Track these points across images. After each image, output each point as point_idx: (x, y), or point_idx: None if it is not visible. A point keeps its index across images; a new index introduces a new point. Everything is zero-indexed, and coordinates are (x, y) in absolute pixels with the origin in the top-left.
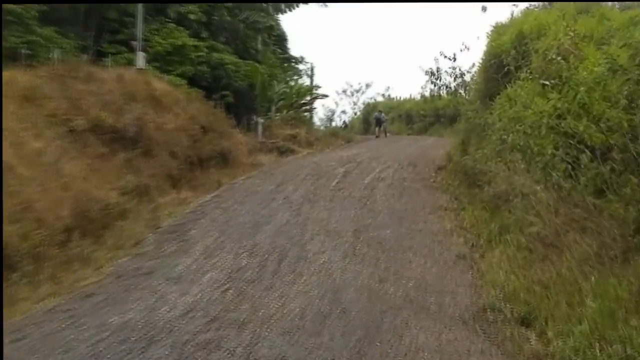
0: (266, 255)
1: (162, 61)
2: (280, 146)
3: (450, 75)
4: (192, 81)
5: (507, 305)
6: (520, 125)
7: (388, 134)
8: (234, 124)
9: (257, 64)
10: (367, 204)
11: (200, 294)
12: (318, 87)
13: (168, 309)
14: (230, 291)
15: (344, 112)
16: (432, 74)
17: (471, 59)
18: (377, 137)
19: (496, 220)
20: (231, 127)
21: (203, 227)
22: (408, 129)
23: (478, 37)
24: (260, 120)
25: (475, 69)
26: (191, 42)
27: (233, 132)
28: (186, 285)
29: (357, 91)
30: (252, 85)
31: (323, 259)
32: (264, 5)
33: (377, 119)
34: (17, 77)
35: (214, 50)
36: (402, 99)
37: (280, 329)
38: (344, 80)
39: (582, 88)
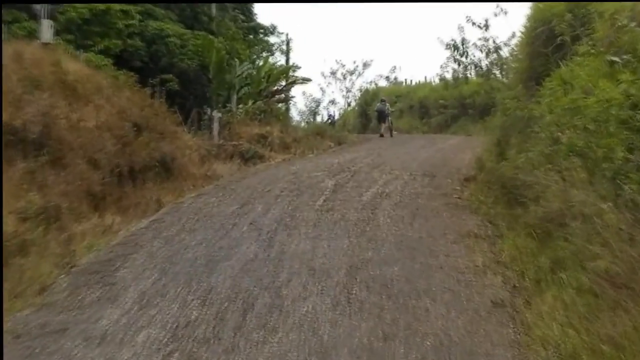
0: (225, 304)
1: (78, 33)
2: (244, 150)
3: (481, 50)
4: (121, 60)
5: None
6: (580, 119)
7: (395, 133)
8: (179, 119)
9: (210, 36)
10: (366, 230)
11: None
12: (297, 67)
13: None
14: (176, 356)
15: (333, 102)
16: (456, 48)
17: (509, 27)
18: (381, 136)
19: (547, 252)
20: (176, 125)
21: (137, 265)
22: (422, 124)
23: None
24: (217, 114)
25: (515, 40)
26: (118, 5)
27: (178, 132)
28: (113, 348)
29: (352, 73)
30: (205, 65)
31: (305, 309)
32: None
33: (379, 112)
34: None
35: (151, 18)
36: (413, 83)
37: None
38: (333, 59)
39: None
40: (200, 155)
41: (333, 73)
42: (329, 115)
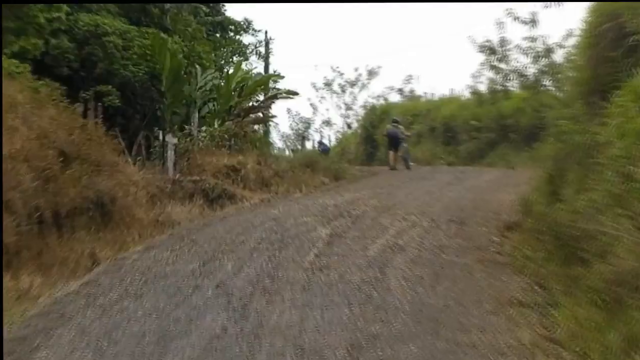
0: None
1: None
2: (209, 188)
3: (527, 54)
4: (42, 67)
5: None
6: None
7: (411, 164)
8: (121, 146)
9: (163, 35)
10: (372, 295)
11: None
12: (280, 76)
13: None
14: None
15: (327, 123)
16: (492, 50)
17: (565, 24)
18: (392, 168)
19: (618, 327)
20: (117, 153)
21: (63, 343)
22: (448, 153)
23: None
24: (172, 139)
25: (572, 41)
26: None
27: (120, 163)
28: None
29: (353, 84)
30: (156, 74)
31: None
32: None
33: (390, 137)
34: None
35: (82, 9)
36: (436, 98)
37: None
38: (328, 65)
39: None
40: (149, 194)
41: (328, 84)
42: (320, 141)
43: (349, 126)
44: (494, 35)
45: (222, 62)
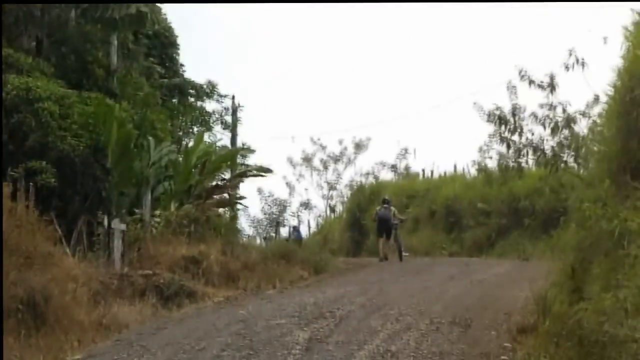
0: None
1: None
2: (164, 284)
3: (544, 124)
4: None
5: None
6: None
7: (405, 255)
8: (58, 234)
9: (109, 100)
10: None
11: None
12: (250, 150)
13: None
14: None
15: (306, 205)
16: (503, 120)
17: (589, 88)
18: (382, 259)
19: None
20: (52, 243)
21: None
22: (451, 241)
23: (605, 40)
24: (119, 225)
25: (598, 109)
26: None
27: (56, 254)
28: None
29: (337, 159)
30: (99, 147)
31: None
32: None
33: (380, 221)
34: None
35: (11, 69)
36: (435, 176)
37: None
38: (307, 136)
39: None
40: (91, 291)
41: (307, 159)
42: (295, 227)
43: (332, 209)
44: (505, 102)
45: (180, 133)
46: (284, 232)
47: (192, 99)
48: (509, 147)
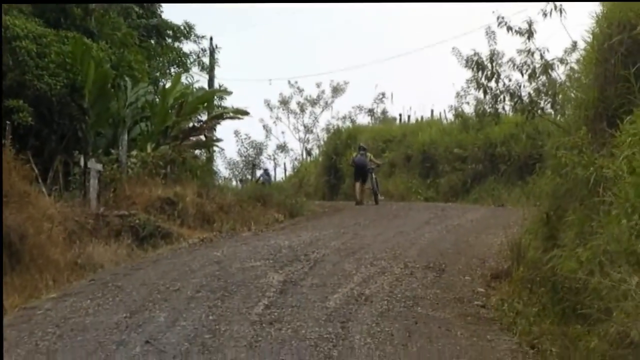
0: None
1: None
2: (139, 224)
3: (522, 70)
4: None
5: None
6: None
7: (381, 199)
8: (34, 173)
9: (87, 40)
10: (332, 355)
11: None
12: (227, 92)
13: None
14: None
15: (283, 148)
16: (481, 66)
17: (567, 35)
18: (358, 203)
19: None
20: (28, 182)
21: None
22: (427, 187)
23: None
24: (96, 165)
25: (576, 55)
26: None
27: (32, 193)
28: None
29: (314, 103)
30: (77, 87)
31: None
32: None
33: (356, 167)
34: None
35: None
36: (412, 120)
37: None
38: (285, 79)
39: None
40: (67, 231)
41: (284, 102)
42: (266, 170)
43: (308, 153)
44: (483, 48)
45: (158, 74)
46: (261, 176)
47: (169, 40)
48: (486, 93)
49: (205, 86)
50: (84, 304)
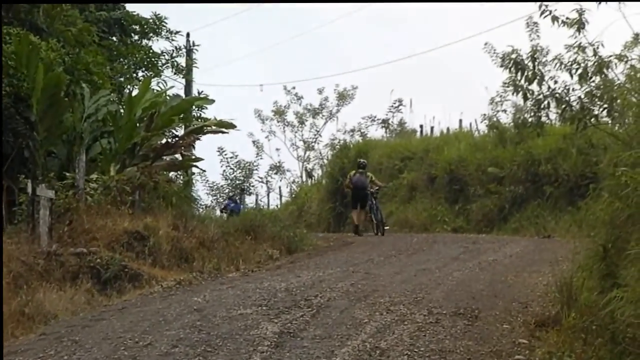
0: None
1: None
2: (101, 264)
3: (570, 70)
4: None
5: None
6: None
7: (387, 228)
8: None
9: (34, 38)
10: None
11: None
12: (208, 101)
13: None
14: None
15: (277, 168)
16: (520, 65)
17: (626, 27)
18: (355, 232)
19: None
20: None
21: None
22: (454, 214)
23: None
24: (47, 193)
25: (638, 51)
26: None
27: None
28: None
29: (316, 113)
30: (22, 96)
31: None
32: None
33: (354, 188)
34: None
35: None
36: (436, 134)
37: None
38: (280, 84)
39: None
40: (11, 273)
41: (279, 112)
42: (231, 197)
43: (309, 174)
44: (524, 43)
45: (122, 79)
46: (250, 201)
47: (136, 37)
48: (526, 98)
49: (182, 93)
50: None
